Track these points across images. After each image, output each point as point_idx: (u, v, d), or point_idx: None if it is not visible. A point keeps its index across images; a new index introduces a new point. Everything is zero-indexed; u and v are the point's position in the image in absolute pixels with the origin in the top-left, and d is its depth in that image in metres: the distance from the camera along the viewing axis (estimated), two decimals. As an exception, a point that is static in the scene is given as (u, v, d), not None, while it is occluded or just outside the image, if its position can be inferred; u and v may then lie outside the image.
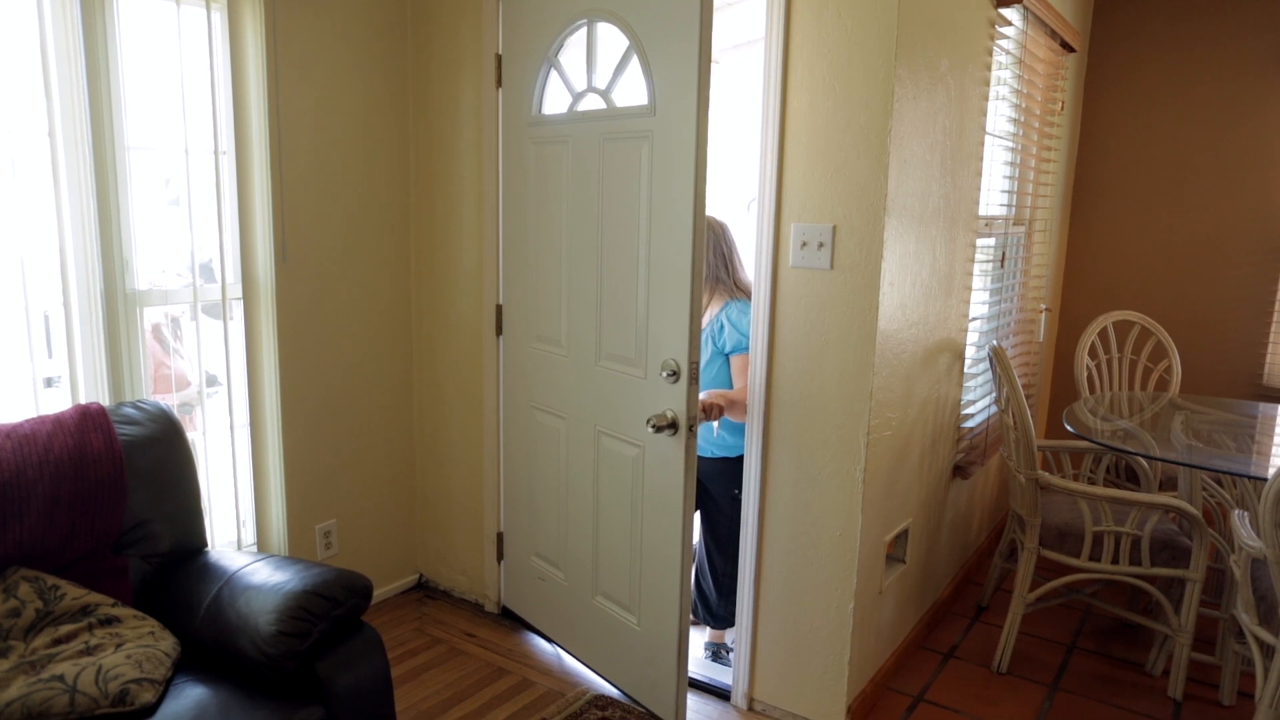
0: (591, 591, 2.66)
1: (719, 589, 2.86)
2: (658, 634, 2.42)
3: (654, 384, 2.31)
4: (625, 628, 2.53)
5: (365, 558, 3.10)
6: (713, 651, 2.92)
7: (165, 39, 2.38)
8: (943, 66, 2.42)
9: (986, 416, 3.38)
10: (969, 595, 3.39)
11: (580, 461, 2.62)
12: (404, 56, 3.00)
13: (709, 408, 2.55)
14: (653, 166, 2.23)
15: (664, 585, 2.38)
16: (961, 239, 2.83)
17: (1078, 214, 4.30)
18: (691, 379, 2.17)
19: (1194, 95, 3.94)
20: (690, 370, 2.16)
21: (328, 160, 2.79)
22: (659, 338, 2.28)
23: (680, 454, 2.25)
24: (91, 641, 1.75)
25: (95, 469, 1.94)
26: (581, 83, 2.48)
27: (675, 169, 2.16)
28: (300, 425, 2.80)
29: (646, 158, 2.25)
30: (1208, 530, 2.62)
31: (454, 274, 3.02)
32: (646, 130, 2.25)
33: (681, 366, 2.19)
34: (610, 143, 2.37)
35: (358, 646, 1.88)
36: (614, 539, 2.54)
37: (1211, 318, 3.99)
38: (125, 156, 2.30)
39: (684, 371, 2.17)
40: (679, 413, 2.21)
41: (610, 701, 2.56)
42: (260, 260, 2.65)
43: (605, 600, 2.61)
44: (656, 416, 2.23)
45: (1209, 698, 2.71)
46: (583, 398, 2.58)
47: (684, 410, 2.20)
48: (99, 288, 2.28)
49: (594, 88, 2.44)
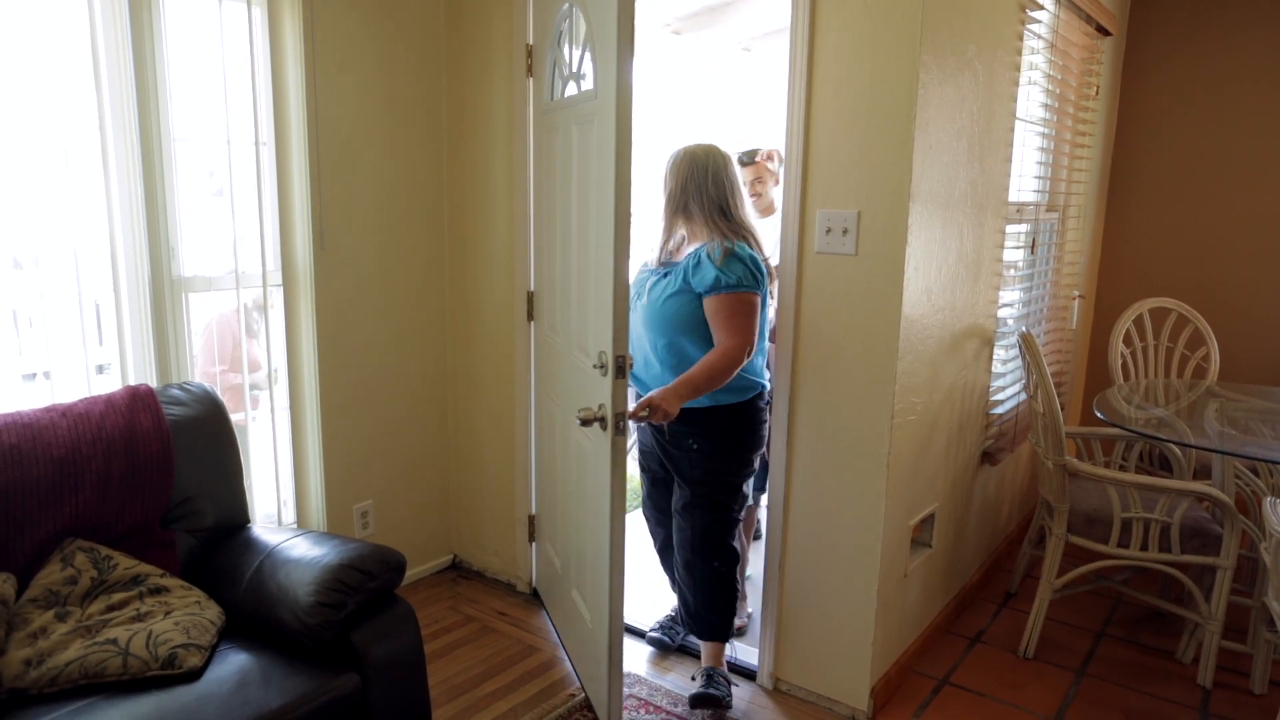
0: (570, 583, 2.63)
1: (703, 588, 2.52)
2: (597, 632, 2.32)
3: (594, 375, 2.17)
4: (582, 622, 2.48)
5: (401, 537, 3.19)
6: (706, 677, 2.50)
7: (208, 34, 2.46)
8: (970, 52, 2.42)
9: (1016, 403, 3.36)
10: (998, 581, 3.39)
11: (564, 452, 2.60)
12: (438, 47, 3.06)
13: (652, 407, 2.23)
14: (597, 150, 2.13)
15: (599, 583, 2.26)
16: (990, 225, 2.82)
17: (1114, 200, 4.24)
18: (618, 373, 1.97)
19: (1235, 80, 3.86)
20: (616, 363, 1.96)
21: (364, 150, 2.86)
22: (596, 327, 2.18)
23: (607, 450, 2.07)
24: (142, 609, 1.84)
25: (145, 447, 2.04)
26: (566, 69, 2.45)
27: (605, 150, 2.04)
28: (338, 408, 2.89)
29: (594, 142, 2.15)
30: (1240, 518, 2.60)
31: (487, 261, 3.09)
32: (593, 115, 2.14)
33: (608, 359, 1.99)
34: (577, 127, 2.30)
35: (392, 618, 1.96)
36: (577, 533, 2.48)
37: (1251, 305, 3.92)
38: (171, 147, 2.39)
39: (610, 364, 1.98)
40: (607, 407, 2.01)
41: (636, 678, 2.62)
42: (299, 248, 2.74)
43: (575, 592, 2.57)
44: (585, 410, 2.06)
45: (1240, 686, 2.69)
46: (565, 386, 2.55)
47: (610, 405, 2.00)
48: (146, 274, 2.38)
49: (572, 73, 2.38)
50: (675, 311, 2.39)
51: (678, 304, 2.38)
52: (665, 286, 2.43)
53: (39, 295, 2.22)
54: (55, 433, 1.93)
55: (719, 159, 2.40)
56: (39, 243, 2.21)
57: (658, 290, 2.44)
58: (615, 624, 2.15)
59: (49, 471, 1.89)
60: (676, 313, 2.39)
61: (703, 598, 2.52)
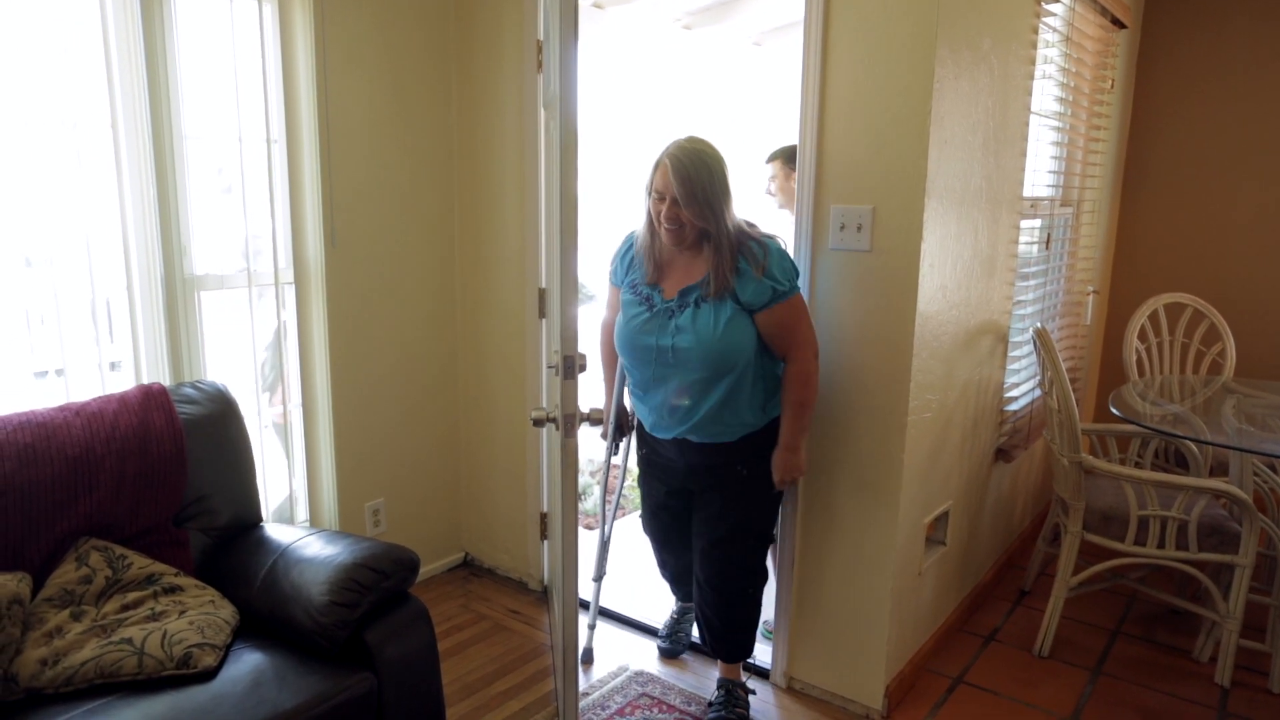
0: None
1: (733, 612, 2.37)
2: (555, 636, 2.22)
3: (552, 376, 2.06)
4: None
5: (413, 535, 3.18)
6: (725, 693, 2.40)
7: (219, 32, 2.46)
8: (985, 45, 2.40)
9: (1031, 400, 3.34)
10: (1012, 579, 3.37)
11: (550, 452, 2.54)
12: (448, 44, 3.05)
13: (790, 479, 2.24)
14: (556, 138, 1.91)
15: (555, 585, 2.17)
16: (1005, 220, 2.80)
17: (1128, 194, 4.20)
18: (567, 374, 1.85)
19: (1251, 72, 3.82)
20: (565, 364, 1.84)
21: (374, 147, 2.85)
22: (553, 327, 2.13)
23: (557, 453, 1.96)
24: (157, 608, 1.84)
25: (158, 446, 2.04)
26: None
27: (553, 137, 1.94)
28: (350, 406, 2.89)
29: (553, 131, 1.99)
30: (1258, 515, 2.58)
31: (498, 258, 3.08)
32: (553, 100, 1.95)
33: (557, 359, 1.90)
34: (550, 123, 2.23)
35: (405, 617, 1.95)
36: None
37: (1268, 300, 3.88)
38: (183, 145, 2.39)
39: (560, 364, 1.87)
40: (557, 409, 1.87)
41: (651, 677, 2.62)
42: (310, 245, 2.73)
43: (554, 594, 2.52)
44: (537, 411, 1.95)
45: (1258, 685, 2.67)
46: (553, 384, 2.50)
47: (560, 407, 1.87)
48: (159, 272, 2.38)
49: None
50: (740, 338, 2.12)
51: (742, 328, 2.12)
52: (714, 313, 2.12)
53: (52, 293, 2.22)
54: (69, 432, 1.93)
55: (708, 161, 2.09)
56: (52, 241, 2.21)
57: (706, 321, 2.12)
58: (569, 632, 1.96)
59: (63, 471, 1.89)
60: (742, 338, 2.13)
61: (732, 622, 2.38)
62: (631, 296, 2.27)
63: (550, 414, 1.93)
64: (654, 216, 2.17)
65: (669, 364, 2.19)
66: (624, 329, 2.27)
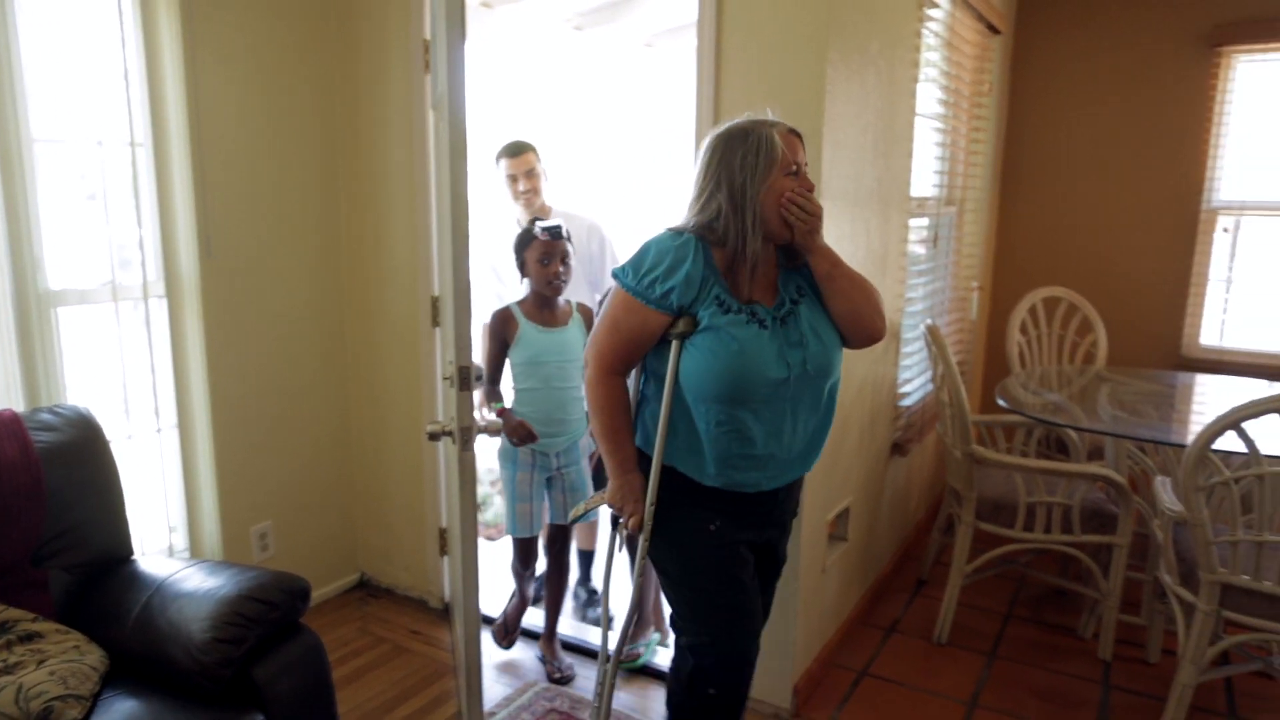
0: None
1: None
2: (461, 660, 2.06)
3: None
4: None
5: (304, 559, 3.02)
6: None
7: (71, 24, 2.26)
8: (873, 49, 2.44)
9: (923, 394, 3.44)
10: (909, 570, 3.47)
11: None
12: (329, 42, 2.91)
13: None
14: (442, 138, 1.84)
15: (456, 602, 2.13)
16: (895, 220, 2.87)
17: (1006, 193, 4.39)
18: (462, 385, 1.76)
19: (1114, 74, 4.05)
20: (459, 375, 1.75)
21: (252, 150, 2.69)
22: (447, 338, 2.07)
23: (455, 466, 1.87)
24: (10, 659, 1.67)
25: (10, 480, 1.85)
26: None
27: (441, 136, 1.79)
28: (231, 425, 2.72)
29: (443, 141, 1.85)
30: (1133, 497, 2.72)
31: (388, 265, 2.96)
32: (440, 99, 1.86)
33: (452, 370, 1.81)
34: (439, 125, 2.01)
35: (297, 650, 1.84)
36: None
37: (1134, 292, 4.13)
38: (32, 149, 2.19)
39: (454, 375, 1.78)
40: (453, 421, 1.79)
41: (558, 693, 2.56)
42: (183, 255, 2.56)
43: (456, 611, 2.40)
44: (433, 424, 1.85)
45: (1136, 656, 2.82)
46: None
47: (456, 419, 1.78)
48: (8, 288, 2.18)
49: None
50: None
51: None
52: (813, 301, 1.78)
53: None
54: (-97, 468, 1.73)
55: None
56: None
57: (816, 314, 1.76)
58: (472, 650, 1.87)
59: (-104, 512, 1.69)
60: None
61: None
62: (732, 318, 1.67)
63: (446, 426, 1.85)
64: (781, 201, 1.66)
65: (802, 385, 1.71)
66: (737, 362, 1.65)
